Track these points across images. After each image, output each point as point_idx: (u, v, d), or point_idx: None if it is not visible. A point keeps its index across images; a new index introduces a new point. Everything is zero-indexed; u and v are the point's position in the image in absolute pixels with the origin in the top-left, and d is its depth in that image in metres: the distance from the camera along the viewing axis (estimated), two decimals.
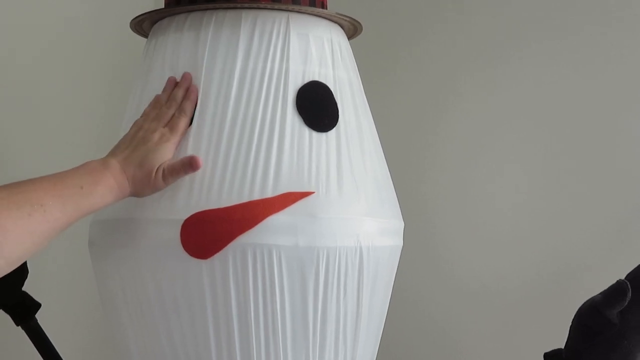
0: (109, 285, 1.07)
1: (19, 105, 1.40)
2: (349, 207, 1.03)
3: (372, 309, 1.08)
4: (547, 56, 1.55)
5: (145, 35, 1.15)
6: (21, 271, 1.17)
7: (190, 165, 0.98)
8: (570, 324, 1.14)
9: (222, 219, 0.98)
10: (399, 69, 1.67)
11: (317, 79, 1.05)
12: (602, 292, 1.12)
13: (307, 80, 1.05)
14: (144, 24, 1.13)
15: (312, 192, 1.01)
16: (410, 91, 1.66)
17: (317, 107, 1.05)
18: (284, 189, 1.00)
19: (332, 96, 1.06)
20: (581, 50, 1.53)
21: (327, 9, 1.10)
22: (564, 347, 1.15)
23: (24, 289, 1.18)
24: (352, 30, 1.15)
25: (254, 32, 1.04)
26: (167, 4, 1.09)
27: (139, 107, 1.07)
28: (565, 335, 1.15)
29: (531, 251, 1.55)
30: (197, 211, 0.98)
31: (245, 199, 0.98)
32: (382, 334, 1.14)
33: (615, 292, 1.10)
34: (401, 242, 1.13)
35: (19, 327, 1.19)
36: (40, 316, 1.19)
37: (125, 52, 1.45)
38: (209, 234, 0.98)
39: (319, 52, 1.07)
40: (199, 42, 1.04)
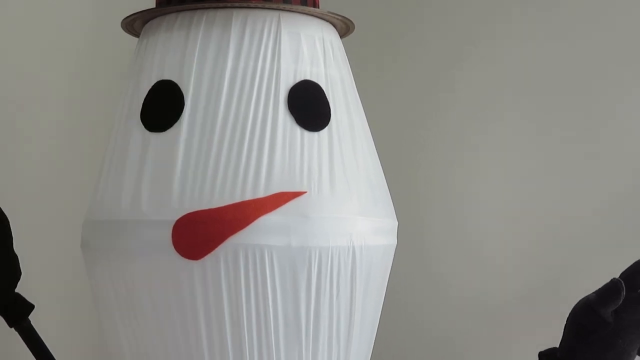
0: (101, 286, 1.06)
1: (18, 105, 1.40)
2: (342, 207, 1.03)
3: (366, 308, 1.08)
4: (544, 56, 1.54)
5: (137, 35, 1.15)
6: (14, 272, 1.16)
7: None
8: (564, 323, 1.14)
9: (213, 220, 0.97)
10: (392, 67, 1.66)
11: (308, 78, 1.05)
12: (596, 291, 1.11)
13: (298, 79, 1.04)
14: (135, 24, 1.12)
15: (305, 192, 1.00)
16: (403, 89, 1.65)
17: (309, 106, 1.04)
18: (276, 188, 0.99)
19: (324, 95, 1.06)
20: (581, 49, 1.52)
21: (318, 7, 1.10)
22: (558, 346, 1.15)
23: (17, 290, 1.17)
24: (345, 28, 1.14)
25: (245, 31, 1.04)
26: (158, 4, 1.08)
27: (130, 107, 1.06)
28: (560, 334, 1.15)
29: (526, 249, 1.55)
30: (188, 212, 0.98)
31: (237, 199, 0.98)
32: (376, 334, 1.13)
33: (609, 290, 1.09)
34: (395, 241, 1.12)
35: (12, 328, 1.18)
36: (33, 318, 1.18)
37: (125, 52, 1.45)
38: (200, 234, 0.98)
39: (311, 50, 1.06)
40: (189, 42, 1.04)
